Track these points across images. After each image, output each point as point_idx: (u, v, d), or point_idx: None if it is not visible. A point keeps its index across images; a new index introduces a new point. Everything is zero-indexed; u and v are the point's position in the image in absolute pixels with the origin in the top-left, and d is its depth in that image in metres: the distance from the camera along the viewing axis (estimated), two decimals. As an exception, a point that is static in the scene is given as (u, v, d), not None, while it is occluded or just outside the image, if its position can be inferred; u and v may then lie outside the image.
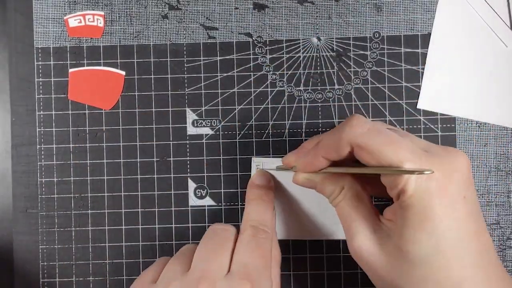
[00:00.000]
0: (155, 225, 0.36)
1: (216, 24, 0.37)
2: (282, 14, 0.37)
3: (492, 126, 0.36)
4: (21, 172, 0.37)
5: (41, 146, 0.37)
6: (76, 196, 0.36)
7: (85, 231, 0.36)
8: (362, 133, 0.27)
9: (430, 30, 0.36)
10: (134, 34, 0.37)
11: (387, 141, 0.26)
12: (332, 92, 0.36)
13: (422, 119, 0.36)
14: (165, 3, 0.37)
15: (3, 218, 0.37)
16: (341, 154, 0.28)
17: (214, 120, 0.37)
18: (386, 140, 0.26)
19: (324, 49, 0.37)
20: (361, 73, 0.36)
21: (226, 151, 0.36)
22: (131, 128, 0.37)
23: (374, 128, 0.27)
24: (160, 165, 0.36)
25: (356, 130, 0.27)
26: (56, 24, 0.37)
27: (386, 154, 0.26)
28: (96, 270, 0.36)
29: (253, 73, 0.37)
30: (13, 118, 0.37)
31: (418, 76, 0.36)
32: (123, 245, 0.36)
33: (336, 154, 0.28)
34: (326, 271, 0.36)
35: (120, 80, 0.37)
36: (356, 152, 0.27)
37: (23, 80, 0.37)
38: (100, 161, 0.36)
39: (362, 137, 0.27)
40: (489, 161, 0.36)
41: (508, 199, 0.36)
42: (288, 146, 0.36)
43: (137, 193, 0.36)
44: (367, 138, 0.27)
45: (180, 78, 0.37)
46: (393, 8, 0.37)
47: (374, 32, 0.36)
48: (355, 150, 0.27)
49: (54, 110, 0.37)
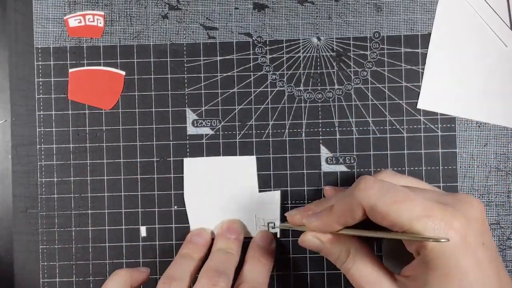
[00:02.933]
0: (155, 225, 0.36)
1: (216, 24, 0.37)
2: (282, 14, 0.37)
3: (492, 126, 0.36)
4: (21, 172, 0.37)
5: (41, 146, 0.37)
6: (76, 196, 0.36)
7: (85, 231, 0.36)
8: (372, 194, 0.26)
9: (430, 30, 0.36)
10: (134, 34, 0.37)
11: (397, 199, 0.26)
12: (332, 92, 0.36)
13: (422, 119, 0.36)
14: (165, 3, 0.37)
15: (3, 218, 0.37)
16: (356, 218, 0.28)
17: (214, 120, 0.37)
18: (397, 198, 0.26)
19: (324, 49, 0.37)
20: (361, 73, 0.36)
21: (226, 151, 0.36)
22: (131, 128, 0.37)
23: (383, 187, 0.27)
24: (160, 165, 0.36)
25: (366, 193, 0.27)
26: (56, 24, 0.37)
27: (398, 213, 0.25)
28: (96, 270, 0.36)
29: (253, 73, 0.37)
30: (13, 118, 0.37)
31: (418, 76, 0.36)
32: (123, 245, 0.36)
33: (352, 219, 0.28)
34: (326, 271, 0.36)
35: (120, 80, 0.37)
36: (369, 214, 0.27)
37: (23, 80, 0.37)
38: (100, 161, 0.36)
39: (372, 198, 0.26)
40: (489, 161, 0.36)
41: (508, 199, 0.36)
42: (288, 146, 0.36)
43: (137, 193, 0.36)
44: (377, 199, 0.26)
45: (180, 78, 0.37)
46: (393, 8, 0.37)
47: (374, 32, 0.36)
48: (367, 213, 0.27)
49: (54, 110, 0.37)
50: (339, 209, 0.28)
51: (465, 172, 0.36)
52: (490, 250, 0.26)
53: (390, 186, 0.27)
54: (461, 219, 0.25)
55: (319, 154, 0.36)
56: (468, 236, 0.25)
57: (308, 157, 0.36)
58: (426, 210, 0.25)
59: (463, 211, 0.26)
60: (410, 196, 0.26)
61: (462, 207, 0.26)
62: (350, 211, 0.27)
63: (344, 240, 0.29)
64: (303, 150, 0.36)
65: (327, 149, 0.36)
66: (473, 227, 0.26)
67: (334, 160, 0.36)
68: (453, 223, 0.25)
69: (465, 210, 0.26)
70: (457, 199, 0.27)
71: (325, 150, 0.36)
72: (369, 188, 0.27)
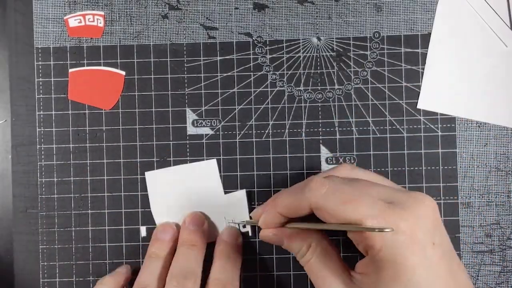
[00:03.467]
0: (155, 225, 0.36)
1: (216, 24, 0.37)
2: (282, 14, 0.37)
3: (492, 126, 0.36)
4: (21, 172, 0.37)
5: (41, 146, 0.37)
6: (76, 196, 0.36)
7: (85, 231, 0.36)
8: (320, 196, 0.27)
9: (430, 30, 0.36)
10: (134, 34, 0.37)
11: (344, 199, 0.26)
12: (332, 92, 0.36)
13: (422, 119, 0.36)
14: (165, 3, 0.37)
15: (3, 218, 0.37)
16: (301, 214, 0.28)
17: (214, 120, 0.37)
18: (343, 199, 0.26)
19: (324, 49, 0.37)
20: (361, 73, 0.36)
21: (226, 151, 0.36)
22: (131, 128, 0.37)
23: (331, 188, 0.27)
24: (160, 165, 0.36)
25: (315, 193, 0.27)
26: (56, 24, 0.37)
27: (345, 213, 0.26)
28: (96, 270, 0.36)
29: (253, 73, 0.37)
30: (13, 118, 0.37)
31: (418, 76, 0.36)
32: (123, 245, 0.36)
33: (295, 214, 0.29)
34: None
35: (120, 80, 0.37)
36: (316, 213, 0.27)
37: (23, 80, 0.37)
38: (100, 161, 0.36)
39: (320, 199, 0.27)
40: (489, 161, 0.36)
41: (508, 199, 0.36)
42: (288, 146, 0.36)
43: (137, 193, 0.36)
44: (324, 200, 0.27)
45: (180, 78, 0.37)
46: (393, 8, 0.37)
47: (374, 32, 0.36)
48: (315, 212, 0.27)
49: (54, 110, 0.37)
50: (285, 202, 0.29)
51: (465, 172, 0.36)
52: (441, 248, 0.26)
53: (339, 186, 0.27)
54: (410, 218, 0.25)
55: (319, 154, 0.36)
56: (417, 235, 0.25)
57: (308, 157, 0.36)
58: (373, 210, 0.25)
59: (412, 209, 0.26)
60: (357, 196, 0.26)
61: (412, 206, 0.26)
62: (296, 207, 0.28)
63: (305, 235, 0.30)
64: (303, 150, 0.36)
65: (327, 149, 0.36)
66: (422, 226, 0.26)
67: (334, 160, 0.36)
68: (401, 222, 0.25)
69: (414, 208, 0.26)
70: (409, 197, 0.27)
71: (325, 150, 0.36)
72: (318, 189, 0.27)
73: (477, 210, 0.36)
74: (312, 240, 0.30)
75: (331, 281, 0.28)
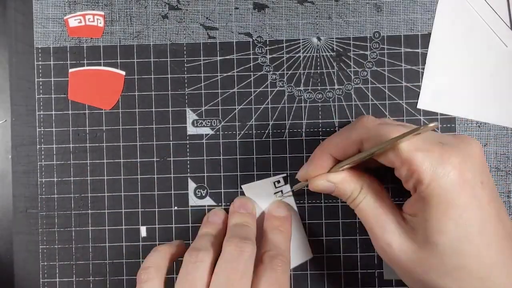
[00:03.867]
0: (155, 225, 0.36)
1: (216, 24, 0.37)
2: (282, 14, 0.37)
3: (492, 126, 0.36)
4: (21, 172, 0.37)
5: (41, 146, 0.37)
6: (76, 196, 0.36)
7: (85, 231, 0.36)
8: (373, 126, 0.27)
9: (430, 30, 0.36)
10: (134, 34, 0.37)
11: (398, 130, 0.26)
12: (332, 92, 0.36)
13: (422, 119, 0.36)
14: (165, 3, 0.37)
15: (3, 218, 0.37)
16: (350, 152, 0.28)
17: (214, 120, 0.37)
18: (397, 130, 0.26)
19: (324, 49, 0.37)
20: (361, 73, 0.36)
21: (226, 151, 0.36)
22: (131, 128, 0.37)
23: (384, 121, 0.28)
24: (160, 165, 0.36)
25: (367, 125, 0.28)
26: (56, 24, 0.37)
27: (399, 145, 0.26)
28: (96, 270, 0.36)
29: (253, 73, 0.37)
30: (13, 118, 0.37)
31: (418, 76, 0.36)
32: (123, 245, 0.36)
33: (344, 152, 0.29)
34: (326, 271, 0.36)
35: (120, 80, 0.37)
36: (365, 145, 0.27)
37: (23, 80, 0.37)
38: (100, 161, 0.36)
39: (373, 130, 0.27)
40: (489, 161, 0.36)
41: (508, 199, 0.36)
42: (288, 146, 0.36)
43: (137, 193, 0.36)
44: (378, 130, 0.27)
45: (180, 78, 0.37)
46: (393, 8, 0.37)
47: (374, 32, 0.36)
48: (364, 144, 0.28)
49: (54, 110, 0.37)
50: (334, 141, 0.29)
51: (465, 172, 0.36)
52: (489, 190, 0.26)
53: (391, 121, 0.28)
54: (459, 156, 0.25)
55: (319, 154, 0.36)
56: (466, 173, 0.25)
57: (308, 157, 0.36)
58: (425, 144, 0.25)
59: (461, 148, 0.26)
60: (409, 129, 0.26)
61: (460, 146, 0.26)
62: (347, 144, 0.28)
63: (356, 178, 0.30)
64: (303, 150, 0.36)
65: (327, 149, 0.36)
66: (471, 165, 0.26)
67: (334, 160, 0.36)
68: (450, 158, 0.25)
69: (463, 148, 0.26)
70: (457, 139, 0.27)
71: (325, 150, 0.36)
72: (372, 121, 0.28)
73: (477, 210, 0.36)
74: (363, 183, 0.30)
75: (384, 219, 0.28)
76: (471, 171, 0.26)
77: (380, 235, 0.28)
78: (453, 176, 0.25)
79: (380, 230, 0.28)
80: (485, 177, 0.26)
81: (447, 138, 0.27)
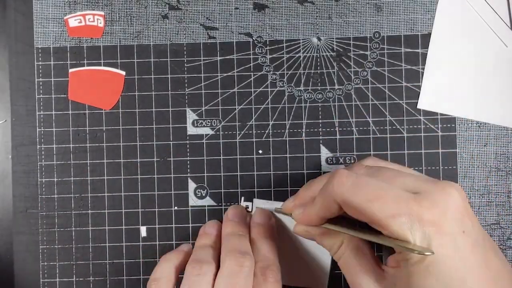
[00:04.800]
0: (155, 225, 0.36)
1: (216, 24, 0.37)
2: (282, 14, 0.37)
3: (492, 126, 0.36)
4: (21, 172, 0.37)
5: (41, 146, 0.37)
6: (76, 196, 0.36)
7: (85, 231, 0.36)
8: (345, 191, 0.26)
9: (430, 30, 0.36)
10: (134, 34, 0.37)
11: (370, 196, 0.26)
12: (332, 92, 0.36)
13: (422, 119, 0.36)
14: (165, 3, 0.37)
15: (3, 218, 0.37)
16: (334, 212, 0.28)
17: (214, 120, 0.37)
18: (370, 195, 0.26)
19: (324, 49, 0.37)
20: (361, 73, 0.36)
21: (226, 151, 0.36)
22: (131, 128, 0.37)
23: (356, 182, 0.26)
24: (160, 165, 0.36)
25: (339, 189, 0.27)
26: (56, 24, 0.37)
27: (372, 211, 0.25)
28: (96, 270, 0.36)
29: (253, 73, 0.37)
30: (13, 118, 0.37)
31: (418, 76, 0.36)
32: (123, 245, 0.36)
33: (330, 213, 0.28)
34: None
35: (120, 80, 0.37)
36: (344, 208, 0.27)
37: (23, 80, 0.37)
38: (100, 161, 0.36)
39: (345, 195, 0.26)
40: (489, 161, 0.36)
41: (508, 199, 0.36)
42: (288, 146, 0.36)
43: (137, 193, 0.36)
44: (351, 195, 0.26)
45: (180, 78, 0.37)
46: (393, 8, 0.37)
47: (374, 32, 0.36)
48: (342, 207, 0.27)
49: (54, 110, 0.37)
50: (319, 203, 0.29)
51: (465, 172, 0.36)
52: (472, 236, 0.26)
53: (362, 182, 0.26)
54: (437, 210, 0.25)
55: (319, 154, 0.36)
56: (444, 226, 0.25)
57: (308, 157, 0.36)
58: (399, 206, 0.25)
59: (439, 200, 0.25)
60: (382, 192, 0.26)
61: (439, 196, 0.26)
62: (327, 206, 0.28)
63: (337, 233, 0.30)
64: (303, 150, 0.36)
65: (327, 149, 0.36)
66: (449, 217, 0.25)
67: (334, 160, 0.36)
68: (427, 215, 0.25)
69: (441, 198, 0.26)
70: (435, 186, 0.26)
71: (325, 150, 0.36)
72: (341, 184, 0.27)
73: (477, 210, 0.36)
74: (344, 237, 0.30)
75: (362, 277, 0.28)
76: (450, 223, 0.25)
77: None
78: (432, 234, 0.25)
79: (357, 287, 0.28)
80: (468, 225, 0.26)
81: (425, 185, 0.27)
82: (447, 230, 0.25)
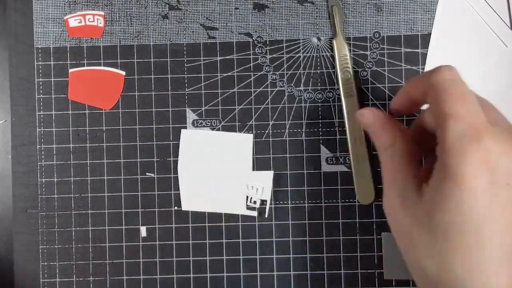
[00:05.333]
0: (155, 225, 0.36)
1: (216, 24, 0.37)
2: (282, 14, 0.37)
3: (492, 126, 0.36)
4: (21, 172, 0.37)
5: (41, 146, 0.37)
6: (76, 196, 0.36)
7: (85, 231, 0.36)
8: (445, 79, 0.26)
9: (430, 30, 0.36)
10: (134, 34, 0.37)
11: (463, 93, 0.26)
12: (332, 92, 0.36)
13: (422, 119, 0.36)
14: (165, 3, 0.37)
15: (3, 218, 0.37)
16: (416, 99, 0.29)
17: (214, 120, 0.37)
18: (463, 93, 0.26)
19: (324, 49, 0.37)
20: (361, 73, 0.36)
21: (226, 151, 0.36)
22: (131, 128, 0.37)
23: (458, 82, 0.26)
24: (160, 165, 0.36)
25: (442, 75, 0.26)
26: (56, 24, 0.37)
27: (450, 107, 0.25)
28: (96, 270, 0.36)
29: (253, 73, 0.37)
30: (13, 118, 0.37)
31: (418, 76, 0.36)
32: (123, 245, 0.36)
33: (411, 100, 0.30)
34: (326, 271, 0.36)
35: (120, 80, 0.37)
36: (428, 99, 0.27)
37: (23, 80, 0.37)
38: (100, 161, 0.36)
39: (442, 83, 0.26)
40: (489, 161, 0.36)
41: (508, 199, 0.36)
42: (288, 146, 0.36)
43: (137, 193, 0.36)
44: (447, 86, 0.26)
45: (180, 78, 0.37)
46: (393, 8, 0.37)
47: (374, 32, 0.36)
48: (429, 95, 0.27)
49: (54, 110, 0.37)
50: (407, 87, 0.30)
51: (465, 172, 0.36)
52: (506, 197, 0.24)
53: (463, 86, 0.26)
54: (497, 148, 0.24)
55: (319, 154, 0.36)
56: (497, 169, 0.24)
57: (308, 157, 0.36)
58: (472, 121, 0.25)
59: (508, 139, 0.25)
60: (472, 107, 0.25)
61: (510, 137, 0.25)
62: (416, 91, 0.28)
63: (393, 131, 0.30)
64: (303, 150, 0.36)
65: (327, 149, 0.36)
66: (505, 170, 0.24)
67: (334, 160, 0.36)
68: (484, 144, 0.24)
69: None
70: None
71: (325, 150, 0.36)
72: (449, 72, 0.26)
73: (477, 210, 0.36)
74: (396, 139, 0.29)
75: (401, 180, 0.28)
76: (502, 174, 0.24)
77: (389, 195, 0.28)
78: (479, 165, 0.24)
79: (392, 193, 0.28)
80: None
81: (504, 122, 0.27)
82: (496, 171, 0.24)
